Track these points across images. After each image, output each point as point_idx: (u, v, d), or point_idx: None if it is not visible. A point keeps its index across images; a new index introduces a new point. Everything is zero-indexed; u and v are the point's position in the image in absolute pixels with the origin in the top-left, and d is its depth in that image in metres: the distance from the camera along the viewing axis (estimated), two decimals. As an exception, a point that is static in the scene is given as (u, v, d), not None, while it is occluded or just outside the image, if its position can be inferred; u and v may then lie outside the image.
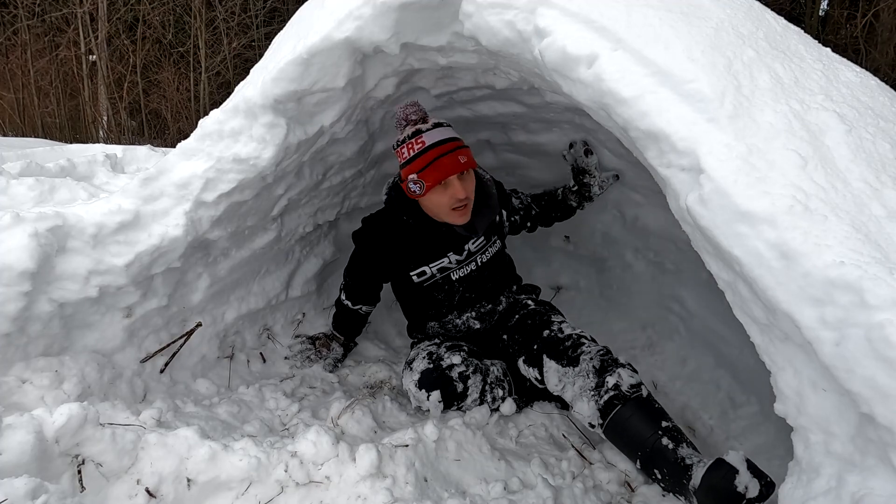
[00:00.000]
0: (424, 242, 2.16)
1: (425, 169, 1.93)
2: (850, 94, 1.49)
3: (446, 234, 2.13)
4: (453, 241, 2.17)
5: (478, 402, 2.07)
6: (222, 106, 1.97)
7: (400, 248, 2.18)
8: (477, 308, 2.27)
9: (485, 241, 2.23)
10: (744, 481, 1.47)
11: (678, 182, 1.36)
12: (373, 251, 2.23)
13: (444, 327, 2.31)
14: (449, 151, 1.94)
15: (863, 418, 1.10)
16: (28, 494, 1.22)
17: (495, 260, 2.29)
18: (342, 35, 1.71)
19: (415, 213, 2.11)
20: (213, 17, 13.05)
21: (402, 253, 2.18)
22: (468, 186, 1.99)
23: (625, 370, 1.82)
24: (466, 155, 1.98)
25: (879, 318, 1.03)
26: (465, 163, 1.95)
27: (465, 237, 2.16)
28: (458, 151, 1.95)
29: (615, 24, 1.47)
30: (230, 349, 2.29)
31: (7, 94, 11.90)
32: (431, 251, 2.18)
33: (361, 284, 2.39)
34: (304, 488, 1.53)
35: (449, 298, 2.25)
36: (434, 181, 1.93)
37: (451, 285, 2.23)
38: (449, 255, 2.18)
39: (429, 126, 1.99)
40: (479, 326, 2.28)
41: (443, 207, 2.00)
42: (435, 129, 1.98)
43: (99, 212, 1.82)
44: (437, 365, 2.07)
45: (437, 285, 2.23)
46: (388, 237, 2.18)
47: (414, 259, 2.18)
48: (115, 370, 1.87)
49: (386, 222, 2.19)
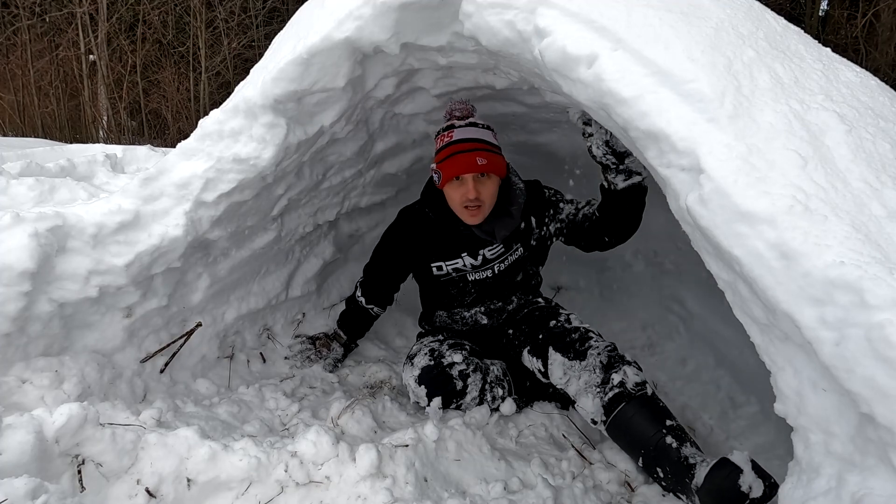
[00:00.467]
0: (442, 239, 2.19)
1: (444, 161, 2.00)
2: (850, 94, 1.49)
3: (463, 234, 2.14)
4: (469, 243, 2.17)
5: (477, 400, 2.07)
6: (222, 106, 1.97)
7: (421, 241, 2.22)
8: (487, 304, 2.27)
9: (503, 249, 2.19)
10: (748, 481, 1.47)
11: (678, 182, 1.36)
12: (398, 241, 2.29)
13: (452, 318, 2.31)
14: (470, 150, 1.97)
15: (863, 418, 1.10)
16: (28, 494, 1.22)
17: (514, 269, 2.24)
18: (342, 35, 1.71)
19: (437, 207, 2.16)
20: (213, 17, 13.05)
21: (422, 246, 2.22)
22: (484, 190, 2.00)
23: (631, 368, 1.83)
24: (488, 158, 1.97)
25: (879, 318, 1.03)
26: (482, 165, 1.96)
27: (481, 241, 2.15)
28: (479, 153, 1.97)
29: (615, 24, 1.47)
30: (230, 349, 2.29)
31: (7, 94, 11.90)
32: (447, 249, 2.19)
33: (381, 277, 2.40)
34: (304, 488, 1.53)
35: (461, 296, 2.27)
36: (449, 175, 1.99)
37: (466, 285, 2.24)
38: (463, 256, 2.18)
39: (463, 123, 2.05)
40: (487, 322, 2.29)
41: (455, 203, 2.05)
42: (468, 127, 2.04)
43: (99, 212, 1.82)
44: (438, 362, 2.08)
45: (453, 282, 2.25)
46: (414, 229, 2.24)
47: (433, 253, 2.22)
48: (115, 370, 1.87)
49: (413, 215, 2.26)
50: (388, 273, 2.38)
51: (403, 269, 2.36)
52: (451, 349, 2.15)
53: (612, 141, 1.85)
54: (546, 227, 2.22)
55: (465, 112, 2.08)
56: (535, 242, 2.24)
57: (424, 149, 2.67)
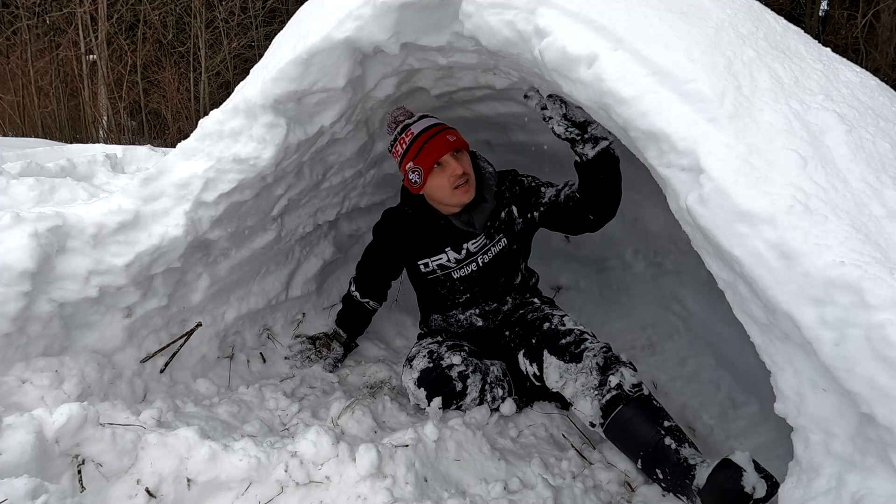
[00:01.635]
0: (425, 235, 2.21)
1: (418, 155, 2.04)
2: (850, 94, 1.49)
3: (444, 228, 2.16)
4: (452, 237, 2.18)
5: (477, 401, 2.07)
6: (222, 106, 1.97)
7: (407, 238, 2.25)
8: (482, 306, 2.27)
9: (486, 239, 2.19)
10: (751, 481, 1.47)
11: (678, 182, 1.36)
12: (383, 241, 2.34)
13: (447, 321, 2.31)
14: (436, 133, 2.05)
15: (863, 418, 1.10)
16: (28, 494, 1.23)
17: (499, 260, 2.23)
18: (342, 35, 1.71)
19: (416, 206, 2.21)
20: (213, 17, 13.04)
21: (409, 244, 2.26)
22: (465, 164, 2.07)
23: (627, 369, 1.82)
24: (455, 135, 2.07)
25: (879, 318, 1.03)
26: (454, 141, 2.05)
27: (463, 234, 2.16)
28: (445, 132, 2.06)
29: (615, 24, 1.47)
30: (230, 349, 2.29)
31: (7, 94, 11.90)
32: (431, 245, 2.22)
33: (372, 275, 2.44)
34: (304, 488, 1.54)
35: (452, 295, 2.27)
36: (430, 163, 2.03)
37: (453, 284, 2.25)
38: (447, 251, 2.19)
39: (414, 119, 2.12)
40: (482, 324, 2.28)
41: (445, 189, 2.06)
42: (420, 120, 2.11)
43: (99, 212, 1.82)
44: (437, 364, 2.08)
45: (440, 281, 2.26)
46: (398, 228, 2.28)
47: (418, 250, 2.24)
48: (115, 370, 1.87)
49: (396, 215, 2.31)
50: (379, 269, 2.43)
51: (392, 265, 2.40)
52: (450, 350, 2.15)
53: (569, 113, 1.82)
54: (530, 214, 2.21)
55: (407, 113, 2.17)
56: (520, 232, 2.24)
57: (424, 149, 2.67)
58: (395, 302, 2.97)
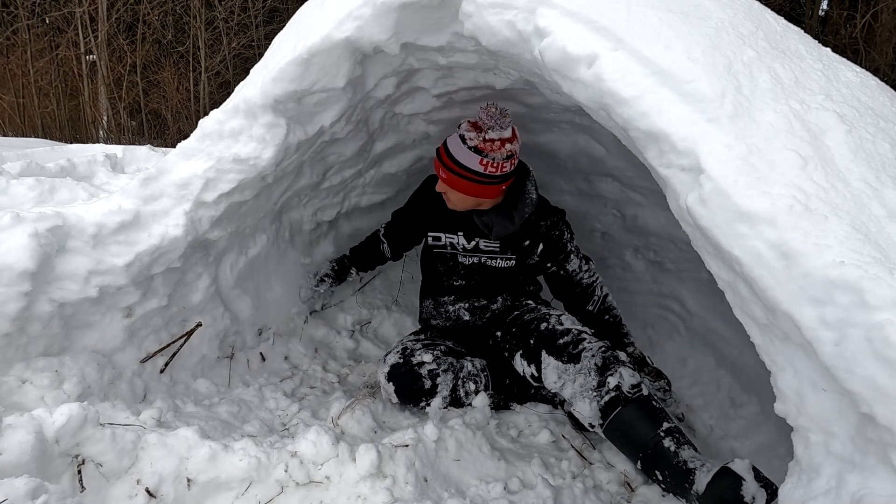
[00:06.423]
0: (449, 213, 2.22)
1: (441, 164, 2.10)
2: (850, 94, 1.49)
3: (467, 216, 2.19)
4: (469, 226, 2.21)
5: (448, 399, 2.07)
6: (222, 106, 1.97)
7: (434, 209, 2.27)
8: (471, 300, 2.28)
9: (499, 249, 2.22)
10: (751, 491, 1.46)
11: (678, 182, 1.36)
12: (415, 203, 2.41)
13: (437, 309, 2.33)
14: (440, 159, 2.07)
15: (863, 418, 1.10)
16: (28, 494, 1.22)
17: (504, 274, 2.25)
18: (342, 35, 1.71)
19: None
20: (213, 17, 13.03)
21: (433, 213, 2.28)
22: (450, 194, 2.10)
23: (626, 369, 1.82)
24: (448, 178, 2.05)
25: (879, 318, 1.03)
26: (442, 178, 2.08)
27: (478, 230, 2.19)
28: (441, 167, 2.07)
29: (615, 24, 1.47)
30: (230, 349, 2.29)
31: (7, 94, 11.90)
32: (449, 223, 2.24)
33: (397, 227, 2.51)
34: (304, 488, 1.54)
35: (449, 275, 2.29)
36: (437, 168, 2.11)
37: (456, 265, 2.27)
38: (460, 234, 2.23)
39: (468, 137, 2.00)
40: (469, 319, 2.29)
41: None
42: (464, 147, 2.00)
43: (99, 212, 1.82)
44: (408, 360, 2.09)
45: (444, 258, 2.28)
46: (431, 197, 2.29)
47: (438, 223, 2.27)
48: (115, 370, 1.87)
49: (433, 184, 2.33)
50: (404, 226, 2.48)
51: (415, 227, 2.42)
52: (424, 348, 2.16)
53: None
54: (548, 263, 2.25)
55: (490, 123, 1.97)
56: (530, 266, 2.26)
57: (424, 149, 2.67)
58: (394, 302, 2.97)
